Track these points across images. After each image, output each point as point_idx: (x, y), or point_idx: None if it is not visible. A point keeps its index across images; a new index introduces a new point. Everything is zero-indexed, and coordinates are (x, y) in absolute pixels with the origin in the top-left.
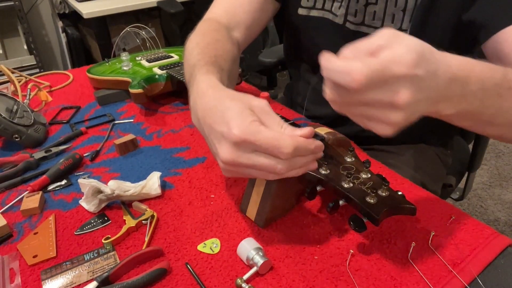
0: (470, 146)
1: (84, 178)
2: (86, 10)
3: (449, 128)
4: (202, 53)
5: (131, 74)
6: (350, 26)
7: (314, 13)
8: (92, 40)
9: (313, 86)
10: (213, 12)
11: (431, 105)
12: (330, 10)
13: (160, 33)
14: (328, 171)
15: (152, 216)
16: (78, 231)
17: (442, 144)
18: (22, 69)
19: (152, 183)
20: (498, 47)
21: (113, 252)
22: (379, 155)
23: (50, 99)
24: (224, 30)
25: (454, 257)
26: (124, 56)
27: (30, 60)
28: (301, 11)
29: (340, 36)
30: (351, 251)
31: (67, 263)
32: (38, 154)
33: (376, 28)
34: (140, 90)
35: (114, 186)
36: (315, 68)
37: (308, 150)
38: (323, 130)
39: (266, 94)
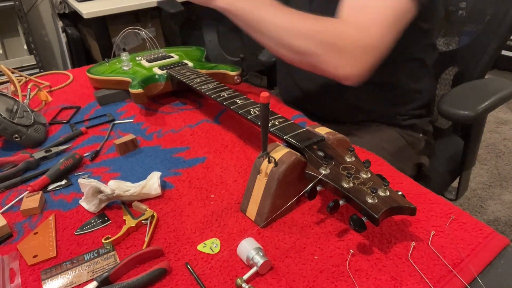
0: None
1: (84, 178)
2: (86, 10)
3: (407, 109)
4: None
5: (131, 74)
6: None
7: None
8: (92, 40)
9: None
10: None
11: None
12: None
13: (160, 33)
14: (328, 171)
15: (152, 216)
16: (78, 231)
17: (409, 127)
18: (22, 69)
19: (152, 183)
20: None
21: (113, 252)
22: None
23: (50, 99)
24: None
25: (454, 257)
26: (124, 56)
27: (30, 60)
28: None
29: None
30: (351, 251)
31: (67, 263)
32: (38, 154)
33: None
34: (140, 90)
35: (114, 186)
36: None
37: None
38: (323, 130)
39: (266, 94)
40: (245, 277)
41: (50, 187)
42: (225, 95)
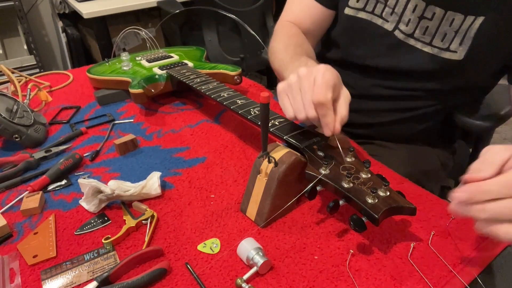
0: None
1: (84, 178)
2: (86, 10)
3: (453, 133)
4: (294, 51)
5: (131, 74)
6: (398, 35)
7: (362, 15)
8: (92, 40)
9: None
10: (288, 16)
11: None
12: (380, 15)
13: (160, 33)
14: (328, 171)
15: (152, 216)
16: (78, 231)
17: (444, 147)
18: (22, 69)
19: (152, 183)
20: None
21: (113, 252)
22: (378, 150)
23: (50, 99)
24: (301, 34)
25: (454, 257)
26: (124, 56)
27: (30, 60)
28: (347, 11)
29: (385, 43)
30: (351, 251)
31: (67, 263)
32: (38, 154)
33: (424, 43)
34: (140, 90)
35: (114, 186)
36: (346, 66)
37: None
38: None
39: (266, 93)
40: (245, 277)
41: (50, 187)
42: (225, 95)
